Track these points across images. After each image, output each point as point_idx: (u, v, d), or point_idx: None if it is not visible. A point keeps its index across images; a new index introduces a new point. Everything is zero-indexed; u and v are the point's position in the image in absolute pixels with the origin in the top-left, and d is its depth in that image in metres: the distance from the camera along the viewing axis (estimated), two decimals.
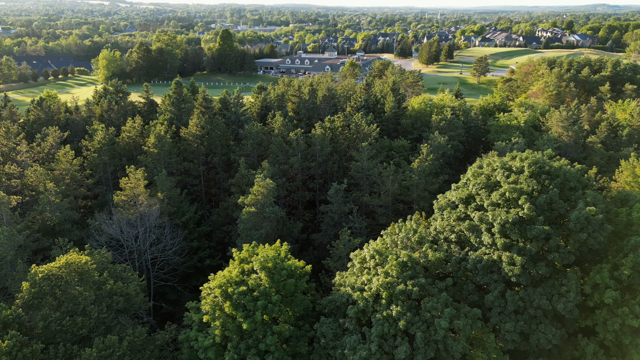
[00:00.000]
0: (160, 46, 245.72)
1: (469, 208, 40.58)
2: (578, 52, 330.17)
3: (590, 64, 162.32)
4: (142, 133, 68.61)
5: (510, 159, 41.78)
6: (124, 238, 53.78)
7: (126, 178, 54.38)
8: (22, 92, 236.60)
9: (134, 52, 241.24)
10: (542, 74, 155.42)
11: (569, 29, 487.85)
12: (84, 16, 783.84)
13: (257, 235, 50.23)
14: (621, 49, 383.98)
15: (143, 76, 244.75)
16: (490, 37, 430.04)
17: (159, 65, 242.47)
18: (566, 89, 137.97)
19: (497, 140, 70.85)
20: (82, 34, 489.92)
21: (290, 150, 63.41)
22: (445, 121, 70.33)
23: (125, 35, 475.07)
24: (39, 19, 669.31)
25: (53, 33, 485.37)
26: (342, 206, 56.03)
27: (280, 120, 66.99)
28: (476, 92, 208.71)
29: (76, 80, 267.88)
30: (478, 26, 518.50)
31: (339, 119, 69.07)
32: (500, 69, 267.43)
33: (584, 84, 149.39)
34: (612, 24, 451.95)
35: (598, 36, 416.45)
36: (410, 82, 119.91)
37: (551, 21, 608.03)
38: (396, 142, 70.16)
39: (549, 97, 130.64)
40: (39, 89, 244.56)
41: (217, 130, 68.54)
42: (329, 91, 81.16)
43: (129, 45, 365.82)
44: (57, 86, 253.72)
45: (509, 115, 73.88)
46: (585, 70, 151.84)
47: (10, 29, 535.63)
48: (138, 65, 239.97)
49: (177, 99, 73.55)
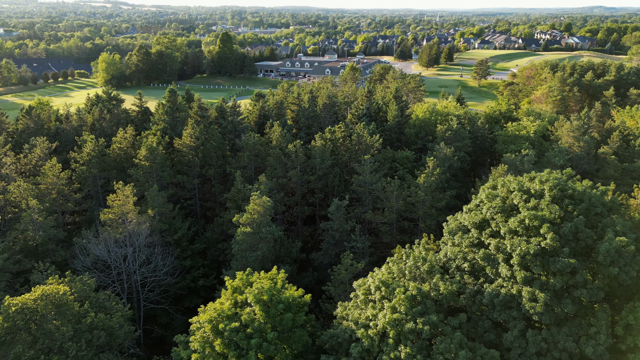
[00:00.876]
0: (160, 49, 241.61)
1: (483, 234, 36.51)
2: (578, 55, 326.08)
3: (593, 67, 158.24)
4: (133, 144, 64.55)
5: (528, 180, 37.67)
6: (112, 259, 49.74)
7: (114, 195, 50.34)
8: (22, 95, 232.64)
9: (134, 55, 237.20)
10: (544, 78, 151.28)
11: (567, 31, 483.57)
12: (86, 18, 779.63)
13: (253, 257, 46.20)
14: (620, 51, 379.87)
15: (143, 79, 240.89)
16: (490, 39, 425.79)
17: (158, 68, 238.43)
18: (569, 94, 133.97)
19: (505, 151, 66.88)
20: (83, 36, 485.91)
21: (289, 163, 59.35)
22: (451, 131, 66.27)
23: (127, 38, 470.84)
24: (42, 21, 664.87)
25: (55, 35, 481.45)
26: (344, 224, 52.00)
27: (278, 131, 62.94)
28: (477, 96, 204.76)
29: (76, 83, 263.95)
30: (477, 28, 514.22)
31: (339, 129, 65.01)
32: (500, 72, 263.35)
33: (587, 89, 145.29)
34: (610, 26, 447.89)
35: (597, 38, 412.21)
36: (412, 87, 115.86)
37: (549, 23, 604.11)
38: (400, 153, 66.12)
39: (554, 102, 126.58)
40: (38, 92, 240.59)
41: (212, 141, 64.48)
42: (330, 99, 77.09)
43: (129, 47, 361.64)
44: (57, 89, 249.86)
45: (518, 124, 69.82)
46: (589, 75, 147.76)
47: (13, 31, 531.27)
48: (138, 68, 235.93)
49: (171, 107, 69.46)
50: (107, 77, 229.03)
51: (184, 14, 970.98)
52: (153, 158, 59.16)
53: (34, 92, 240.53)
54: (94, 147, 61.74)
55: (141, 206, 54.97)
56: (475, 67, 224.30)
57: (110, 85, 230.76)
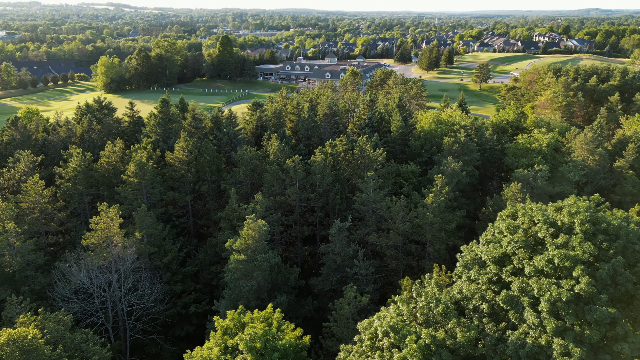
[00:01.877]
0: (160, 52, 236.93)
1: (504, 271, 31.87)
2: (577, 58, 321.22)
3: (597, 72, 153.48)
4: (123, 158, 59.89)
5: (555, 211, 32.99)
6: (94, 287, 45.13)
7: (97, 217, 45.70)
8: (21, 98, 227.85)
9: (133, 58, 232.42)
10: (548, 82, 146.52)
11: (565, 34, 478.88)
12: (88, 21, 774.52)
13: (247, 287, 41.58)
14: (619, 54, 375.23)
15: (142, 83, 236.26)
16: (489, 42, 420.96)
17: (158, 71, 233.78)
18: (574, 99, 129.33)
19: (515, 165, 62.23)
20: (85, 38, 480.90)
21: (287, 180, 54.71)
22: (458, 144, 61.63)
23: (128, 40, 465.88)
24: (44, 23, 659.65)
25: (57, 38, 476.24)
26: (346, 247, 47.38)
27: (275, 145, 58.26)
28: (478, 100, 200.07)
29: (75, 87, 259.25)
30: (476, 31, 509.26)
31: (341, 143, 60.34)
32: (500, 75, 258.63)
33: (591, 94, 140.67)
34: (608, 29, 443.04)
35: (595, 41, 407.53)
36: (414, 94, 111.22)
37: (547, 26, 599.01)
38: (404, 168, 61.45)
39: (559, 108, 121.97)
40: (38, 96, 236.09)
41: (206, 154, 59.84)
42: (330, 108, 72.42)
43: (130, 50, 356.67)
44: (57, 92, 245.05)
45: (529, 137, 65.12)
46: (593, 79, 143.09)
47: (15, 33, 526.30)
48: (137, 71, 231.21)
49: (163, 119, 64.76)
50: (106, 81, 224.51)
51: (186, 17, 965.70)
52: (142, 174, 54.51)
53: (33, 96, 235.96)
54: (80, 161, 57.13)
55: (129, 227, 50.42)
56: (476, 70, 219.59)
57: (110, 88, 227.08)
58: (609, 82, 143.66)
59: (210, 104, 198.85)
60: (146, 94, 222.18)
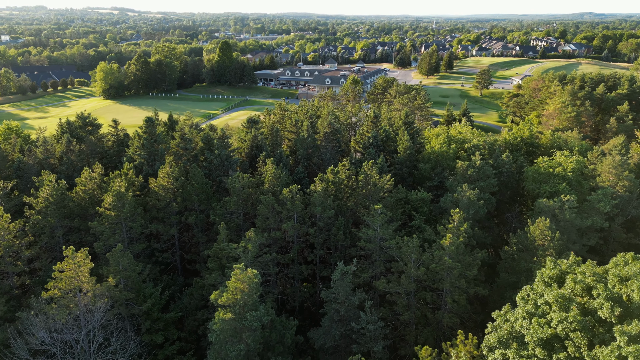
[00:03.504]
0: (159, 58, 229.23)
1: (555, 358, 24.39)
2: (576, 62, 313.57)
3: (604, 80, 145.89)
4: (101, 185, 52.29)
5: (619, 282, 25.47)
6: (57, 347, 37.64)
7: (62, 263, 38.18)
8: (19, 104, 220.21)
9: (132, 64, 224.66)
10: (554, 91, 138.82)
11: (562, 38, 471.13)
12: (92, 25, 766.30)
13: (235, 353, 34.07)
14: (617, 58, 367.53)
15: (142, 88, 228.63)
16: (487, 46, 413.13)
17: (157, 77, 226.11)
18: (581, 108, 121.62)
19: (536, 192, 54.72)
20: (88, 43, 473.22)
21: (283, 212, 47.18)
22: (474, 169, 54.11)
23: (130, 45, 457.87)
24: (49, 27, 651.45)
25: (60, 42, 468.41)
26: (350, 295, 39.94)
27: (271, 171, 50.69)
28: (480, 106, 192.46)
29: (75, 92, 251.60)
30: (474, 35, 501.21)
31: (344, 168, 52.76)
32: (501, 80, 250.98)
33: (599, 102, 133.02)
34: (606, 33, 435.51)
35: (593, 45, 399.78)
36: (418, 104, 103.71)
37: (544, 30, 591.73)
38: (414, 195, 53.88)
39: (567, 119, 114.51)
40: (36, 102, 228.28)
41: (194, 181, 52.29)
42: (331, 126, 64.88)
43: (132, 54, 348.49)
44: (55, 98, 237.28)
45: (550, 160, 57.54)
46: (600, 88, 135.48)
47: (19, 38, 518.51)
48: (136, 77, 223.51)
49: (148, 140, 57.12)
50: (105, 87, 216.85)
51: (188, 21, 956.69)
52: (121, 206, 46.97)
53: (32, 102, 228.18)
54: (52, 190, 49.55)
55: (103, 268, 42.95)
56: (477, 76, 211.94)
57: (109, 94, 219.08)
58: (616, 90, 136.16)
59: (209, 111, 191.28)
60: (145, 100, 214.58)
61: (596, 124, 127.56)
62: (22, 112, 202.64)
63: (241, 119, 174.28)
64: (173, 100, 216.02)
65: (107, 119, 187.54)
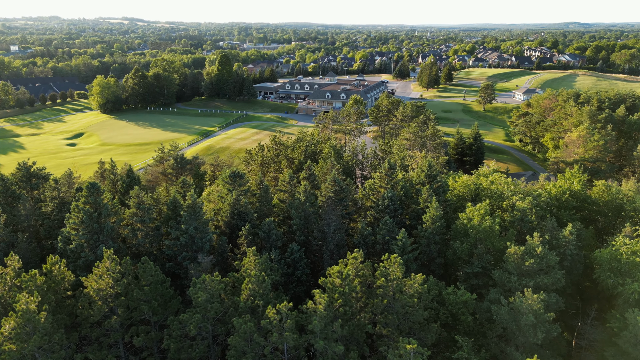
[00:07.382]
0: (157, 72, 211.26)
1: None
2: (573, 74, 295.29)
3: (622, 99, 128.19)
4: (19, 285, 34.63)
5: None
6: None
7: None
8: (14, 119, 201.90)
9: (130, 77, 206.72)
10: (570, 112, 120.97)
11: (554, 48, 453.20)
12: (102, 34, 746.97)
13: None
14: (611, 69, 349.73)
15: (140, 102, 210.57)
16: (482, 56, 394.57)
17: (155, 91, 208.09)
18: (602, 131, 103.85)
19: (618, 288, 37.10)
20: (95, 52, 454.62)
21: (267, 346, 29.55)
22: (535, 258, 36.48)
23: (136, 54, 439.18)
24: (60, 37, 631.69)
25: (68, 52, 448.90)
26: None
27: (253, 271, 32.94)
28: (484, 122, 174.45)
29: (74, 105, 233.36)
30: (469, 45, 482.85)
31: (354, 263, 35.03)
32: (502, 93, 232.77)
33: (620, 125, 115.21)
34: (599, 44, 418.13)
35: (586, 56, 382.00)
36: (430, 134, 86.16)
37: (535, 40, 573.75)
38: (452, 296, 36.23)
39: (595, 147, 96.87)
40: (32, 116, 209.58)
41: (144, 281, 34.64)
42: (336, 184, 47.06)
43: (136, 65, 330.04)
44: (53, 112, 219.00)
45: (633, 243, 39.79)
46: (621, 109, 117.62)
47: (29, 48, 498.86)
48: (134, 91, 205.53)
49: (89, 213, 39.27)
50: (101, 101, 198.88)
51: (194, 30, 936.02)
52: (26, 337, 29.38)
53: (28, 116, 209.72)
54: None
55: None
56: (480, 91, 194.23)
57: (105, 109, 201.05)
58: (637, 112, 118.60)
59: (206, 127, 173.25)
60: (142, 115, 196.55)
61: (619, 149, 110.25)
62: (16, 128, 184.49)
63: (238, 137, 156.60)
64: (170, 115, 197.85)
65: (100, 137, 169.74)
